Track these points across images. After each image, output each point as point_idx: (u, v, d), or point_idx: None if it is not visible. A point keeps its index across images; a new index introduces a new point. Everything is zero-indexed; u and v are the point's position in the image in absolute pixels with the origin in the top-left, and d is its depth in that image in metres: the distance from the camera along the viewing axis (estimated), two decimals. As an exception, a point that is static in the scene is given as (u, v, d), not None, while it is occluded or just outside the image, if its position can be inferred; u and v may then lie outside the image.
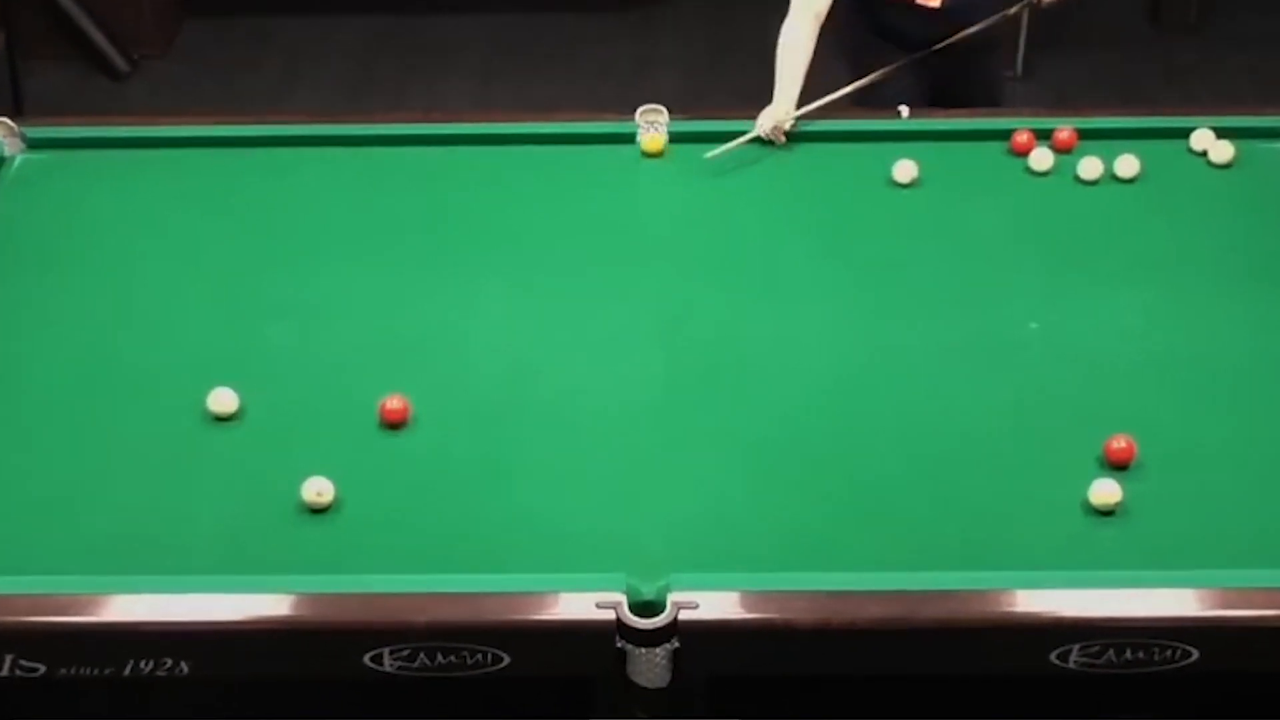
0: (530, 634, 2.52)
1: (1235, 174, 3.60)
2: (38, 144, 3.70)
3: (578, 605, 2.51)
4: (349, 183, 3.62)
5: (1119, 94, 5.79)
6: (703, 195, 3.56)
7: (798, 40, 3.75)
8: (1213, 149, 3.63)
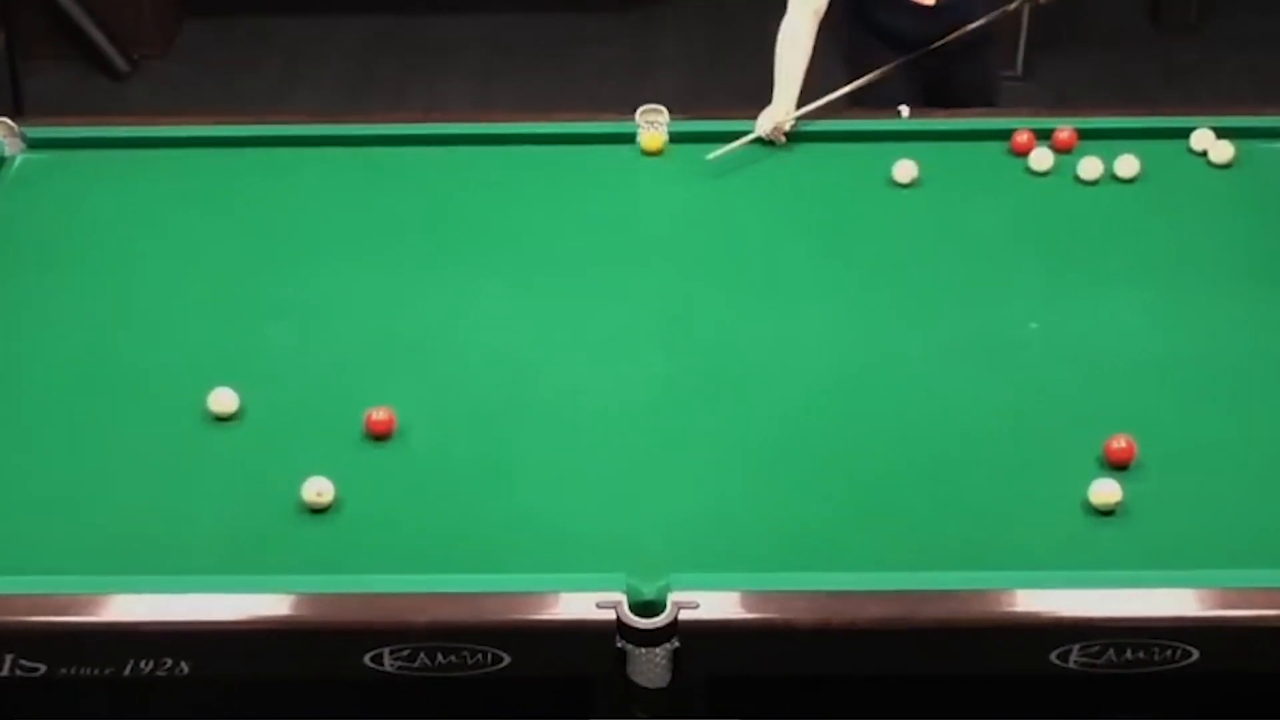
0: (530, 634, 2.51)
1: (1235, 174, 3.60)
2: (38, 144, 3.70)
3: (578, 605, 2.51)
4: (349, 183, 3.62)
5: (1119, 94, 5.78)
6: (703, 195, 3.56)
7: (797, 37, 3.74)
8: (1213, 149, 3.63)
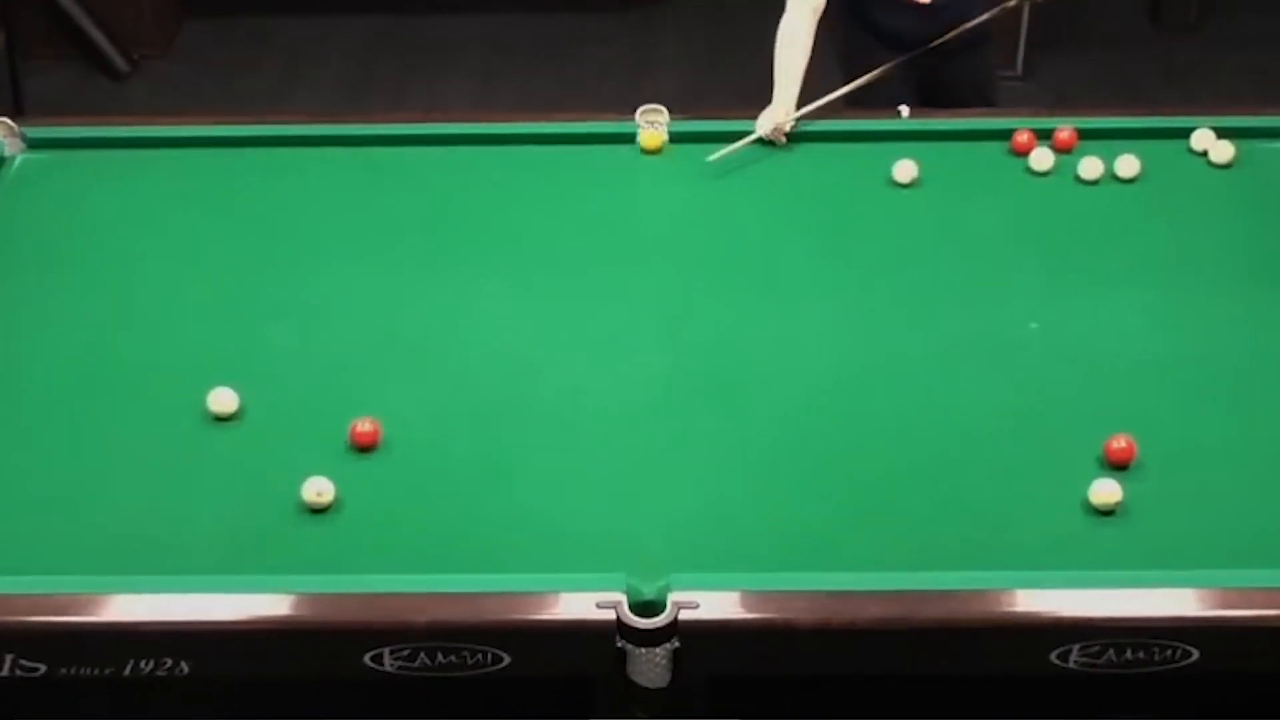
0: (530, 634, 2.51)
1: (1235, 174, 3.60)
2: (38, 144, 3.70)
3: (578, 605, 2.51)
4: (349, 183, 3.62)
5: (1119, 94, 5.78)
6: (703, 195, 3.56)
7: (796, 36, 3.74)
8: (1213, 149, 3.63)
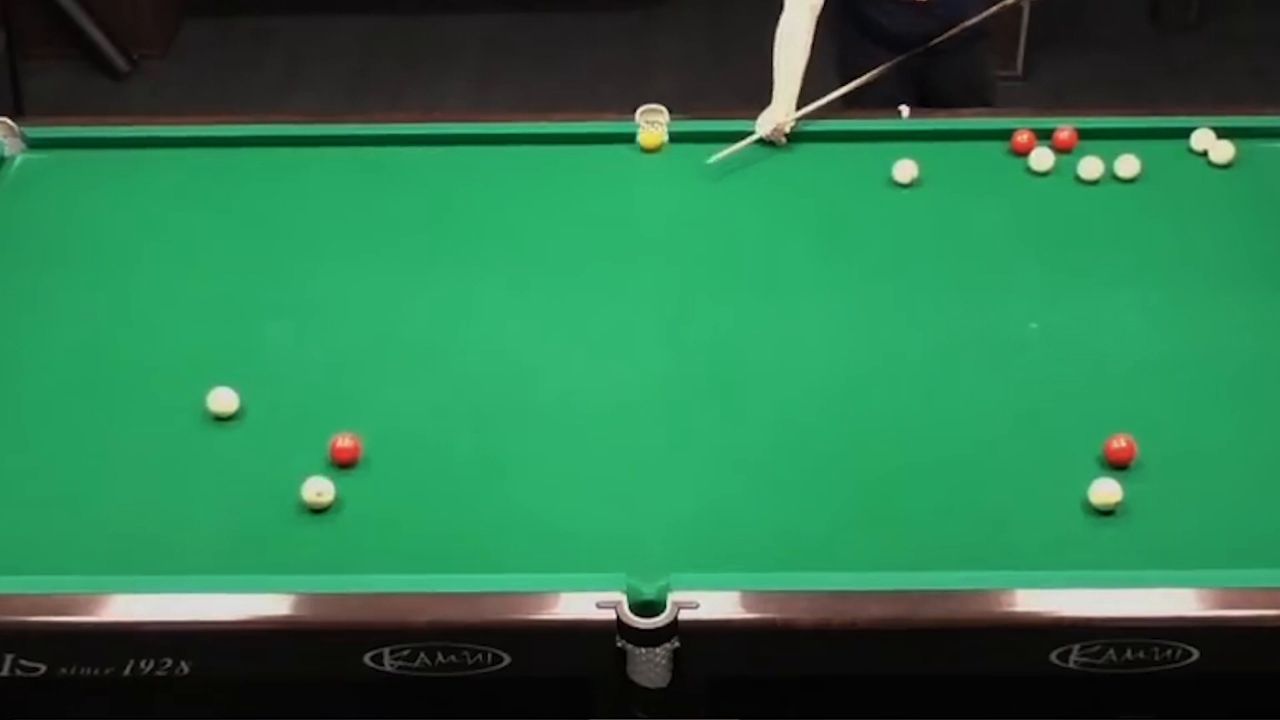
0: (530, 634, 2.51)
1: (1235, 174, 3.60)
2: (38, 144, 3.69)
3: (578, 605, 2.51)
4: (349, 183, 3.62)
5: (1119, 94, 5.78)
6: (703, 195, 3.56)
7: (794, 35, 3.73)
8: (1213, 149, 3.63)
